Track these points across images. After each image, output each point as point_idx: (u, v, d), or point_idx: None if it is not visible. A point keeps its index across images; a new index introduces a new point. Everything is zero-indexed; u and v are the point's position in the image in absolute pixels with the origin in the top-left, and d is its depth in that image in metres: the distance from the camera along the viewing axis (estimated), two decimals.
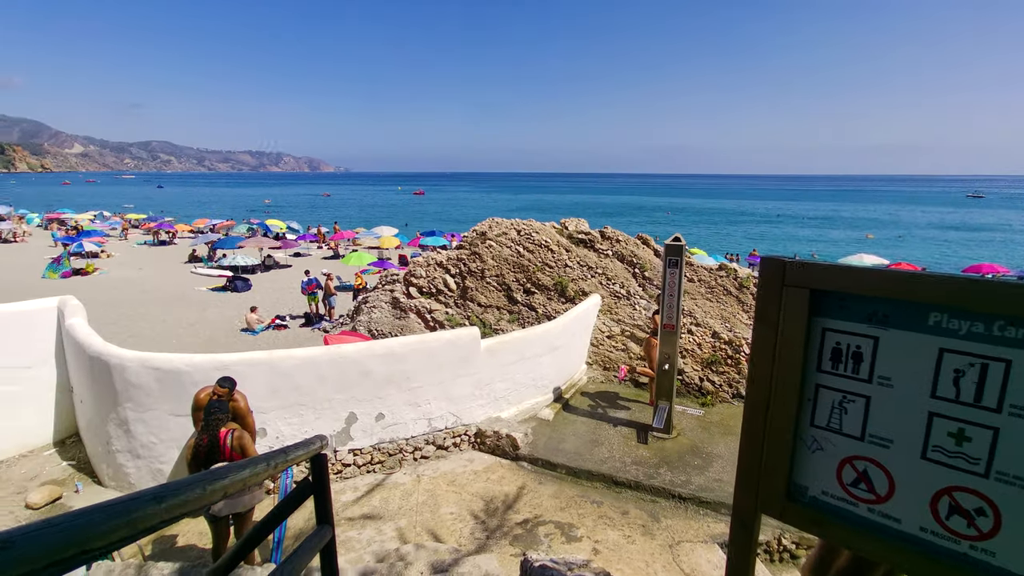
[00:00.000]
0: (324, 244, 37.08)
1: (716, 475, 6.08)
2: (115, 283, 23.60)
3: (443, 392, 6.53)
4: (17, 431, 6.56)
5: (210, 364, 5.50)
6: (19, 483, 6.02)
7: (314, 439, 3.02)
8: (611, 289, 9.50)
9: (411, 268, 10.76)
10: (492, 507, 5.64)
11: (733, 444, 6.78)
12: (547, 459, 6.46)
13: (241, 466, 1.78)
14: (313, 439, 3.01)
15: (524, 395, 7.42)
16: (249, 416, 5.04)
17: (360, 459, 6.14)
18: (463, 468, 6.40)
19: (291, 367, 5.70)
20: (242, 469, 1.74)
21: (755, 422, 1.57)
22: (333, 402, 5.94)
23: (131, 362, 5.52)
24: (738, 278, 9.20)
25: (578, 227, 10.66)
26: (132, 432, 5.62)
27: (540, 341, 7.49)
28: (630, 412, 7.78)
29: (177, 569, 4.34)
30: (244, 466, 1.80)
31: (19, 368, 6.57)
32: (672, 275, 6.63)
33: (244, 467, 1.79)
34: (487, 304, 9.75)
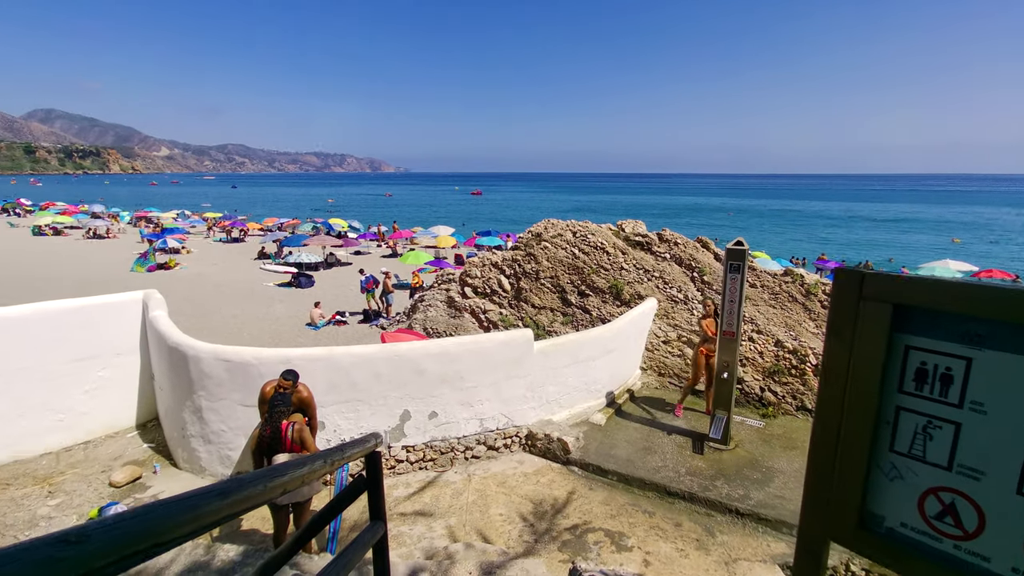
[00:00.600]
0: (383, 243, 38.20)
1: (777, 491, 5.79)
2: (192, 278, 25.26)
3: (495, 393, 6.56)
4: (106, 413, 7.12)
5: (275, 358, 5.77)
6: (105, 462, 6.53)
7: (369, 437, 3.09)
8: (668, 293, 9.25)
9: (466, 268, 10.89)
10: (541, 510, 5.61)
11: (797, 460, 6.44)
12: (598, 465, 6.36)
13: (300, 463, 1.83)
14: (368, 437, 3.08)
15: (576, 399, 7.34)
16: (313, 405, 5.24)
17: (413, 456, 6.26)
18: (513, 469, 6.41)
19: (349, 364, 5.89)
20: (301, 467, 1.79)
21: (825, 444, 1.47)
22: (388, 399, 6.09)
23: (205, 353, 5.87)
24: (805, 284, 8.72)
25: (635, 229, 10.44)
26: (204, 419, 5.98)
27: (594, 344, 7.39)
28: (685, 420, 7.54)
29: (242, 551, 4.57)
30: (303, 463, 1.86)
31: (111, 355, 7.13)
32: (733, 281, 6.37)
33: (303, 464, 1.85)
34: (541, 305, 9.72)
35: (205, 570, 4.35)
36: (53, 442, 6.72)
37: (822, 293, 8.59)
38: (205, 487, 1.27)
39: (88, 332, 6.88)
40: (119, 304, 7.14)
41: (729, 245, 6.36)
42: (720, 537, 5.18)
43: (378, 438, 3.19)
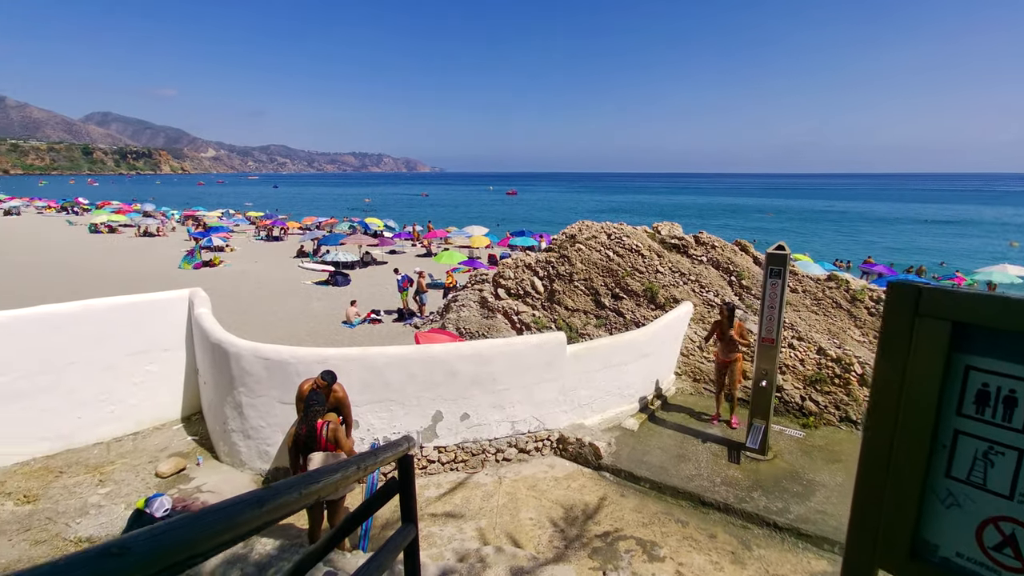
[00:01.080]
0: (418, 242, 38.68)
1: (819, 505, 5.58)
2: (235, 275, 26.12)
3: (527, 396, 6.54)
4: (154, 406, 7.43)
5: (312, 357, 5.90)
6: (152, 453, 6.81)
7: (402, 441, 3.12)
8: (704, 297, 9.04)
9: (500, 269, 10.91)
10: (572, 516, 5.56)
11: (841, 474, 6.19)
12: (630, 471, 6.26)
13: (334, 470, 1.86)
14: (401, 441, 3.11)
15: (608, 403, 7.25)
16: (348, 405, 5.34)
17: (444, 457, 6.30)
18: (544, 473, 6.38)
19: (382, 364, 5.97)
20: (334, 473, 1.82)
21: (876, 466, 1.39)
22: (421, 400, 6.15)
23: (245, 351, 6.05)
24: (850, 290, 8.37)
25: (671, 231, 10.25)
26: (245, 415, 6.16)
27: (627, 348, 7.29)
28: (721, 428, 7.35)
29: (278, 546, 4.69)
30: (337, 470, 1.89)
31: (159, 350, 7.43)
32: (773, 286, 6.17)
33: (336, 471, 1.88)
34: (574, 308, 9.65)
35: (243, 562, 4.48)
36: (104, 432, 7.05)
37: (869, 300, 8.23)
38: (240, 496, 1.29)
39: (137, 328, 7.19)
40: (166, 301, 7.44)
41: (770, 250, 6.17)
42: (757, 551, 5.03)
43: (410, 441, 3.21)
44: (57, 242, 36.18)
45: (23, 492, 5.69)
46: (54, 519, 5.06)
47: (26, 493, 5.69)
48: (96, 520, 5.08)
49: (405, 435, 3.18)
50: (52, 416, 6.66)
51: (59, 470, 6.34)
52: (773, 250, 6.15)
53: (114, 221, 44.12)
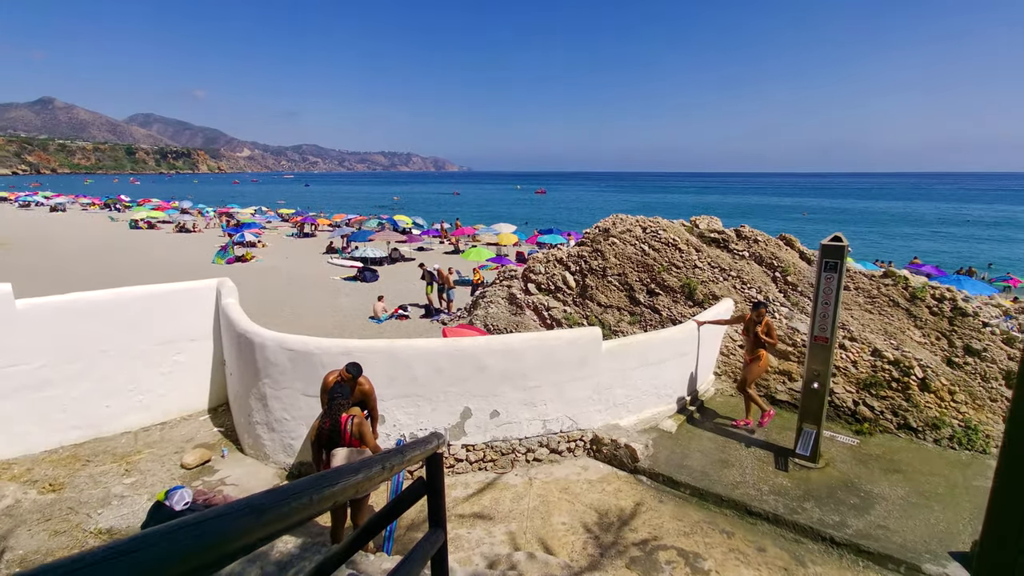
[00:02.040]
0: (446, 239, 38.66)
1: (879, 520, 5.11)
2: (266, 270, 26.47)
3: (559, 393, 6.23)
4: (181, 396, 7.38)
5: (337, 348, 5.70)
6: (178, 444, 6.74)
7: (431, 437, 2.85)
8: (746, 294, 8.56)
9: (530, 264, 10.60)
10: (607, 522, 5.23)
11: (902, 486, 5.70)
12: (669, 475, 5.89)
13: (354, 470, 1.61)
14: (430, 437, 2.84)
15: (645, 403, 6.88)
16: (374, 398, 5.12)
17: (473, 455, 6.04)
18: (577, 475, 6.05)
19: (409, 357, 5.74)
20: (355, 473, 1.58)
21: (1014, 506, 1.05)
22: (448, 395, 5.90)
23: (270, 342, 5.90)
24: (909, 287, 7.78)
25: (710, 225, 9.77)
26: (269, 407, 6.01)
27: (665, 346, 6.90)
28: (765, 432, 6.90)
29: (300, 544, 4.48)
30: (358, 469, 1.64)
31: (186, 340, 7.37)
32: (828, 280, 5.71)
33: (358, 471, 1.64)
34: (607, 304, 9.28)
35: (263, 560, 4.29)
36: (133, 422, 7.01)
37: (931, 298, 7.62)
38: (237, 503, 1.03)
39: (165, 317, 7.13)
40: (194, 291, 7.37)
41: (825, 241, 5.71)
42: (812, 568, 4.61)
43: (440, 439, 2.94)
44: (99, 237, 37.40)
45: (49, 480, 5.65)
46: (76, 509, 4.97)
47: (52, 481, 5.64)
48: (118, 511, 4.97)
49: (434, 432, 2.90)
50: (82, 404, 6.64)
51: (86, 459, 6.31)
52: (828, 241, 5.69)
53: (153, 218, 45.41)
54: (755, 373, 6.81)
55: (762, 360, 6.82)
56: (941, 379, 6.75)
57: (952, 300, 7.40)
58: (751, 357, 6.92)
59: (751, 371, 6.82)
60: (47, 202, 62.19)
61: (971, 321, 7.18)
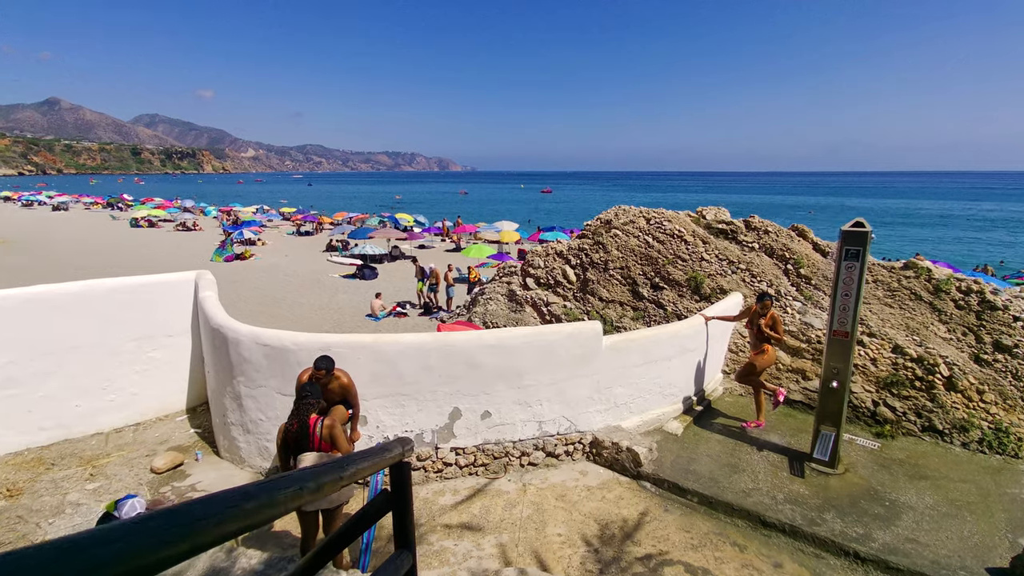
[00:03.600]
0: (447, 237, 38.24)
1: (908, 532, 4.64)
2: (265, 268, 26.12)
3: (557, 393, 5.78)
4: (157, 396, 6.96)
5: (314, 344, 5.27)
6: (151, 446, 6.32)
7: (394, 444, 2.41)
8: (756, 288, 8.08)
9: (529, 258, 10.16)
10: (608, 534, 4.78)
11: (931, 494, 5.23)
12: (675, 482, 5.43)
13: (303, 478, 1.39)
14: (393, 444, 2.40)
15: (649, 403, 6.42)
16: (355, 391, 4.68)
17: (462, 459, 5.60)
18: (575, 481, 5.60)
19: (395, 353, 5.30)
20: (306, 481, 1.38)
21: None
22: (437, 394, 5.46)
23: (244, 337, 5.47)
24: (933, 279, 7.28)
25: (717, 216, 9.30)
26: (244, 407, 5.59)
27: (671, 342, 6.44)
28: (779, 434, 6.43)
29: (265, 559, 4.05)
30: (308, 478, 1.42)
31: (162, 336, 6.96)
32: (849, 270, 5.24)
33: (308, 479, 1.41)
34: (609, 299, 8.82)
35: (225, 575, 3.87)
36: (104, 423, 6.61)
37: (956, 291, 7.13)
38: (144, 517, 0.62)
39: (139, 312, 6.72)
40: (171, 284, 6.96)
41: (846, 227, 5.24)
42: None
43: (406, 445, 2.50)
44: (98, 235, 37.15)
45: (8, 485, 5.24)
46: (26, 518, 4.56)
47: (11, 486, 5.24)
48: (71, 520, 4.56)
49: (399, 437, 2.47)
50: (50, 404, 6.24)
51: (52, 462, 5.91)
52: (850, 227, 5.22)
53: (154, 216, 45.18)
54: (761, 365, 6.38)
55: (767, 354, 6.39)
56: (969, 377, 6.27)
57: (980, 293, 6.90)
58: (755, 352, 6.50)
59: (756, 363, 6.39)
60: (50, 201, 62.15)
61: (1001, 315, 6.69)
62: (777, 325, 6.23)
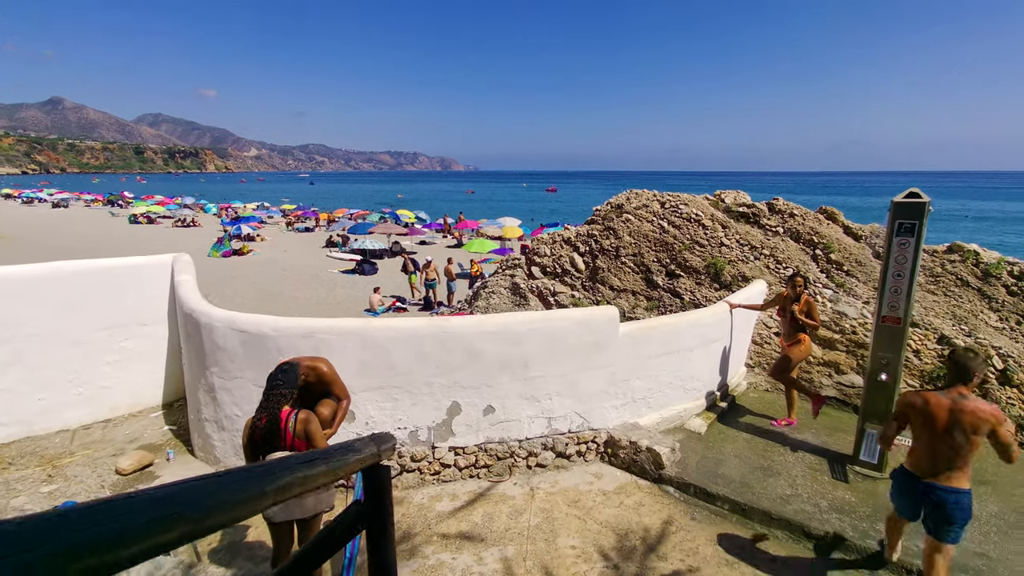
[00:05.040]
0: (449, 233, 37.67)
1: (974, 546, 4.02)
2: (263, 263, 25.58)
3: (568, 385, 5.17)
4: (130, 389, 6.39)
5: (297, 329, 4.68)
6: (119, 444, 5.74)
7: (365, 442, 1.81)
8: (781, 275, 7.46)
9: (534, 246, 9.55)
10: (628, 546, 4.17)
11: (992, 500, 4.61)
12: (702, 486, 4.82)
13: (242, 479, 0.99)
14: (363, 442, 1.81)
15: (669, 398, 5.81)
16: (338, 384, 4.08)
17: (462, 460, 4.99)
18: (589, 485, 5.00)
19: (387, 340, 4.70)
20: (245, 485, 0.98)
21: None
22: (434, 387, 4.86)
23: (218, 322, 4.88)
24: (980, 263, 6.65)
25: (737, 199, 8.67)
26: (218, 400, 5.00)
27: (692, 331, 5.83)
28: (813, 433, 5.81)
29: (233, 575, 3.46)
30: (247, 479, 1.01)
31: (136, 324, 6.38)
32: (903, 247, 4.62)
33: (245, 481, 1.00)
34: (621, 288, 8.21)
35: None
36: (71, 418, 6.03)
37: (1008, 275, 6.49)
38: None
39: (111, 298, 6.14)
40: (144, 267, 6.38)
41: (898, 198, 4.62)
42: None
43: (383, 443, 1.89)
44: (95, 231, 36.67)
45: None
46: None
47: None
48: None
49: (375, 434, 1.86)
50: (10, 397, 5.66)
51: (9, 461, 5.33)
52: (903, 198, 4.60)
53: (153, 213, 44.74)
54: (796, 358, 5.74)
55: (803, 345, 5.75)
56: None
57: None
58: (789, 343, 5.85)
59: (791, 356, 5.75)
60: (50, 199, 61.76)
61: None
62: (813, 311, 5.60)
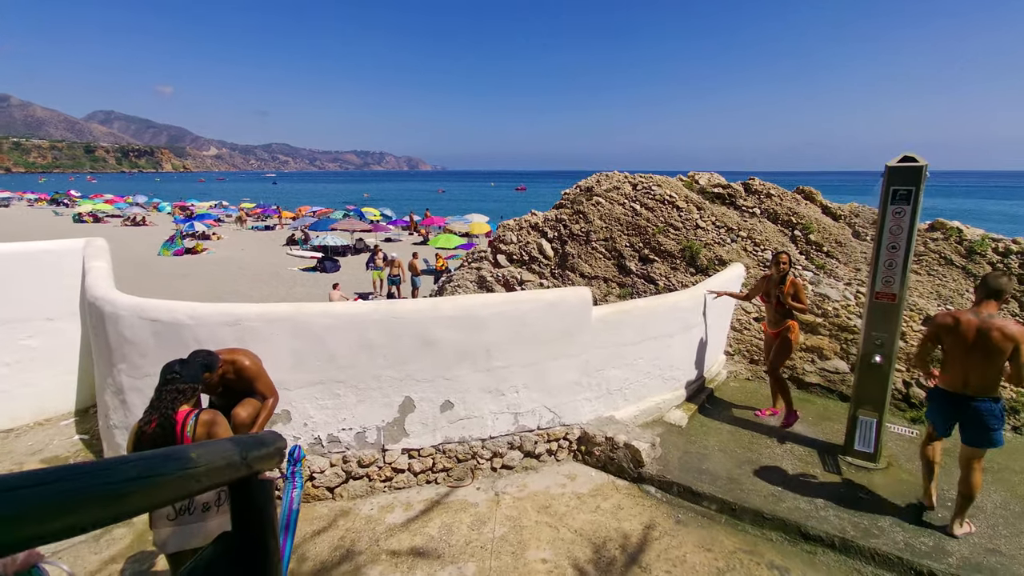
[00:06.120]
0: (415, 230, 36.81)
1: (985, 540, 3.64)
2: (217, 261, 24.31)
3: (536, 376, 4.62)
4: (35, 394, 5.55)
5: (219, 317, 3.99)
6: (19, 458, 4.93)
7: (224, 447, 1.21)
8: (759, 257, 7.09)
9: (500, 233, 8.99)
10: (606, 557, 3.64)
11: (995, 491, 4.27)
12: (686, 485, 4.33)
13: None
14: (221, 447, 1.20)
15: (647, 389, 5.33)
16: (262, 380, 3.43)
17: (417, 464, 4.38)
18: (561, 488, 4.46)
19: (324, 327, 4.06)
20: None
21: None
22: (383, 381, 4.23)
23: (125, 310, 4.14)
24: (964, 240, 6.40)
25: (712, 180, 8.30)
26: (128, 403, 4.25)
27: (671, 315, 5.36)
28: (800, 423, 5.41)
29: None
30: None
31: (41, 319, 5.55)
32: (898, 216, 4.23)
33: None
34: (592, 275, 7.72)
35: None
36: None
37: (993, 252, 6.25)
38: None
39: (8, 289, 5.31)
40: (48, 255, 5.55)
41: (892, 162, 4.23)
42: None
43: (254, 448, 1.28)
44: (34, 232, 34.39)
45: None
46: None
47: None
48: None
49: (242, 436, 1.23)
50: None
51: None
52: (897, 162, 4.21)
53: (100, 211, 42.38)
54: (788, 350, 5.29)
55: (793, 332, 5.32)
56: None
57: (1021, 254, 6.05)
58: (776, 330, 5.39)
59: (782, 348, 5.29)
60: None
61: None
62: (800, 293, 5.16)
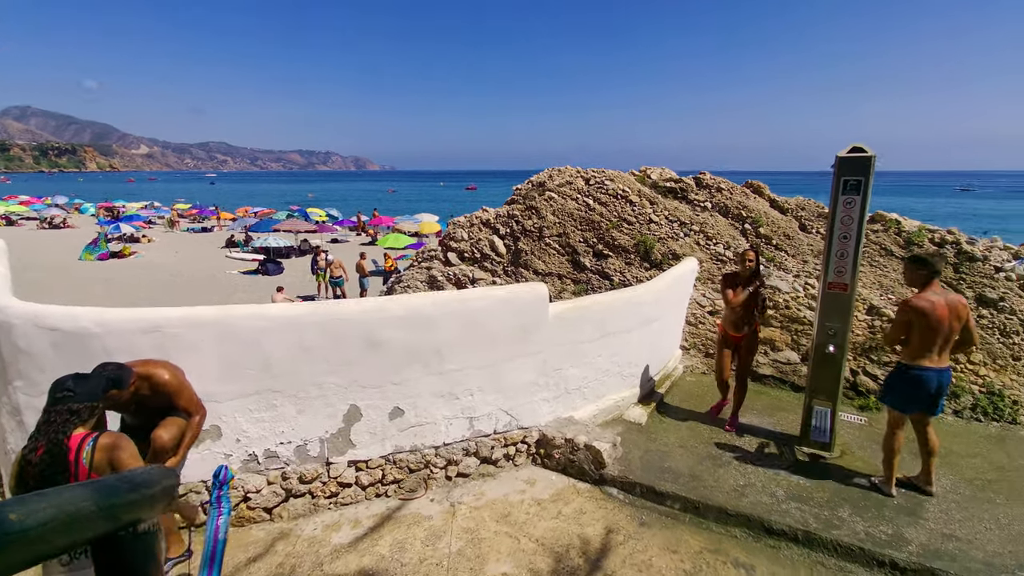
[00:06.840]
0: (363, 231, 35.82)
1: (942, 525, 3.68)
2: (146, 266, 22.78)
3: (492, 378, 4.38)
4: None
5: (134, 324, 3.53)
6: None
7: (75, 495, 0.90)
8: (712, 251, 7.13)
9: (450, 229, 8.69)
10: (569, 565, 3.44)
11: (945, 475, 4.35)
12: (649, 485, 4.21)
13: None
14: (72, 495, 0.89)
15: (606, 387, 5.19)
16: (185, 395, 3.05)
17: (365, 476, 4.05)
18: (520, 495, 4.24)
19: (257, 331, 3.67)
20: None
21: None
22: (325, 388, 3.88)
23: (18, 318, 3.60)
24: (903, 232, 6.64)
25: (663, 175, 8.31)
26: (26, 425, 3.70)
27: (629, 310, 5.24)
28: (755, 414, 5.42)
29: None
30: None
31: None
32: (849, 206, 4.25)
33: None
34: (546, 271, 7.55)
35: None
36: None
37: (929, 243, 6.50)
38: None
39: None
40: None
41: (842, 152, 4.24)
42: None
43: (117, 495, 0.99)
44: None
45: None
46: None
47: None
48: None
49: (94, 481, 0.98)
50: None
51: None
52: (847, 153, 4.23)
53: (13, 213, 38.97)
54: (756, 349, 5.19)
55: (760, 334, 5.21)
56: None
57: (956, 244, 6.31)
58: (741, 335, 4.93)
59: (752, 349, 5.09)
60: None
61: (981, 267, 6.12)
62: None
